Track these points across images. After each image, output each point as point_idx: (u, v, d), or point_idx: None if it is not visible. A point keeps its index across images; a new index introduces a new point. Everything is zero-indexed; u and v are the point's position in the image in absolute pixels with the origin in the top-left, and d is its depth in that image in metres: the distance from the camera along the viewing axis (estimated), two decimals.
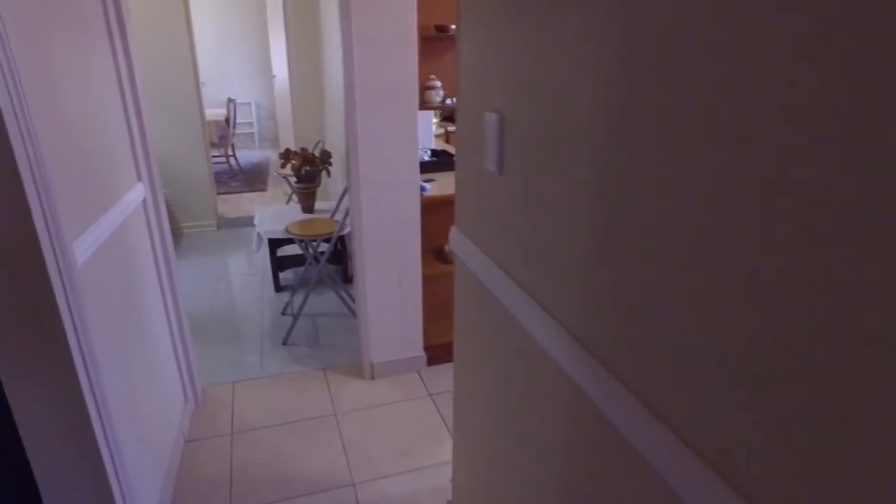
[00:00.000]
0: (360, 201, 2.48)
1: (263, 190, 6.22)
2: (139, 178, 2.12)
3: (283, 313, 3.48)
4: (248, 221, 5.13)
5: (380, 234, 2.57)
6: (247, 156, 8.06)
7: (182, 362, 2.47)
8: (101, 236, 1.60)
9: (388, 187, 2.49)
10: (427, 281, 2.78)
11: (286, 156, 3.83)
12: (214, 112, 6.93)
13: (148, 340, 2.03)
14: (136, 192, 2.03)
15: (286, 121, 5.70)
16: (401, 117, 2.38)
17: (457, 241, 1.54)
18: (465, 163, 1.44)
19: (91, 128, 1.64)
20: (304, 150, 3.83)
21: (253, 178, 6.72)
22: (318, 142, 4.48)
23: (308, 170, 3.78)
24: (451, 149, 3.68)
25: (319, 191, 3.96)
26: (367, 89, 2.31)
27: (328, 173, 3.89)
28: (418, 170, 2.51)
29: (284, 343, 3.13)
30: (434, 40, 2.69)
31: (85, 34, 1.69)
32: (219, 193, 5.94)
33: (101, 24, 1.86)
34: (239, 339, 3.19)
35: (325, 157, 3.83)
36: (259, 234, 3.58)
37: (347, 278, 3.93)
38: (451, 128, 4.73)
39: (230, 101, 6.65)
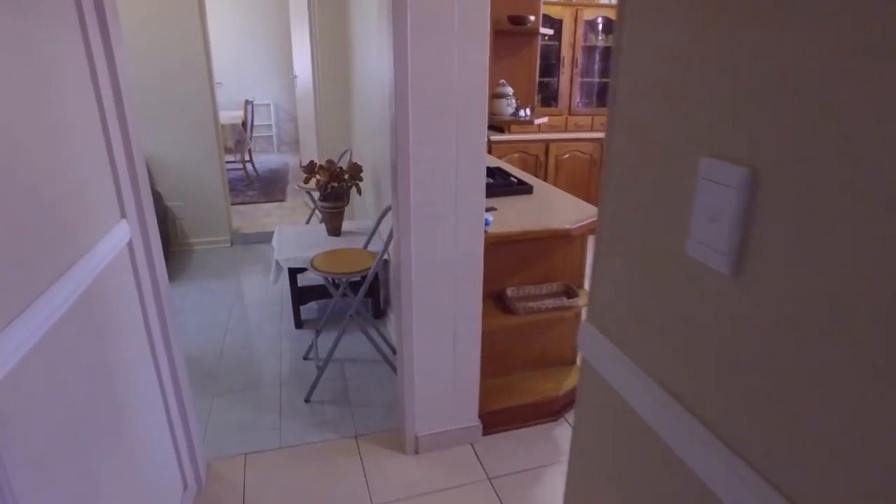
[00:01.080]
0: (408, 236, 1.93)
1: (282, 200, 5.72)
2: (123, 216, 1.59)
3: (305, 357, 2.95)
4: (265, 237, 4.62)
5: (431, 277, 2.02)
6: (264, 161, 7.58)
7: (180, 440, 1.94)
8: (49, 319, 1.07)
9: (446, 221, 1.95)
10: (487, 335, 2.23)
11: (310, 169, 3.30)
12: (230, 115, 6.44)
13: (130, 427, 1.50)
14: (118, 235, 1.51)
15: (308, 125, 5.19)
16: (467, 132, 1.83)
17: (592, 345, 0.98)
18: (625, 232, 0.88)
19: (38, 154, 1.11)
20: (330, 163, 3.30)
21: (271, 187, 6.22)
22: (345, 151, 3.95)
23: (335, 186, 3.25)
24: (506, 167, 3.13)
25: (347, 209, 3.43)
26: (424, 95, 1.76)
27: (359, 191, 3.35)
28: (484, 199, 1.96)
29: (307, 400, 2.60)
30: (506, 35, 2.15)
31: (39, 19, 1.17)
32: (233, 204, 5.45)
33: (69, 7, 1.33)
34: (253, 392, 2.66)
35: (356, 171, 3.30)
36: (278, 263, 3.05)
37: (379, 311, 3.39)
38: (493, 136, 4.19)
39: (247, 102, 6.16)
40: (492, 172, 2.73)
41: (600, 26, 4.74)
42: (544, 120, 2.49)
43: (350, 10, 4.07)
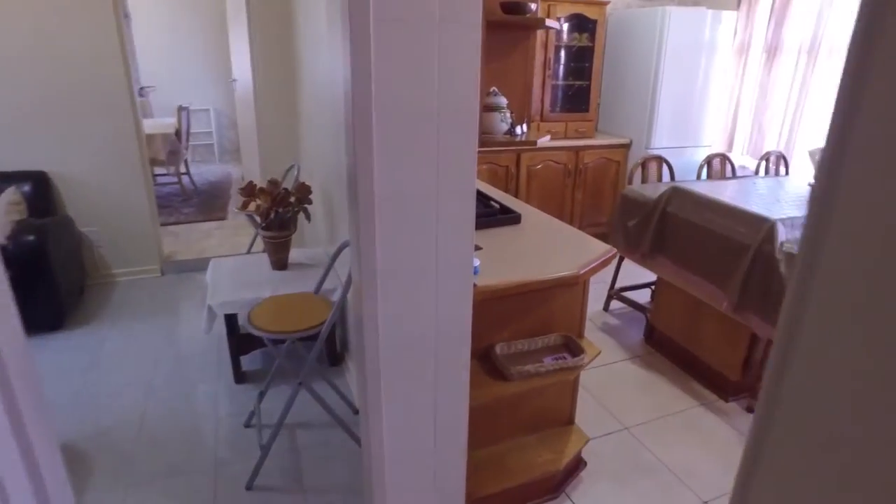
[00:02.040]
0: (374, 300, 1.44)
1: (223, 218, 5.11)
2: None
3: (247, 425, 2.41)
4: (203, 265, 4.02)
5: (405, 349, 1.54)
6: (205, 173, 6.91)
7: None
8: None
9: (424, 275, 1.47)
10: (475, 410, 1.77)
11: (249, 192, 2.76)
12: (162, 123, 5.77)
13: None
14: None
15: (249, 136, 4.62)
16: (451, 158, 1.36)
17: None
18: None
19: None
20: (273, 184, 2.78)
21: (211, 203, 5.59)
22: (291, 167, 3.42)
23: (280, 212, 2.73)
24: (482, 186, 2.68)
25: (295, 235, 2.91)
26: (392, 109, 1.28)
27: (307, 217, 2.84)
28: (473, 245, 1.49)
29: (249, 487, 2.08)
30: (498, 29, 1.69)
31: None
32: (167, 224, 4.81)
33: None
34: (181, 480, 2.12)
35: (304, 193, 2.78)
36: (211, 309, 2.51)
37: (336, 357, 2.88)
38: None
39: (181, 108, 5.51)
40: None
41: (565, 26, 4.35)
42: (546, 139, 2.05)
43: (295, 2, 3.54)
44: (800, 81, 3.84)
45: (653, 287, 3.66)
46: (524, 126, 1.96)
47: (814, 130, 3.86)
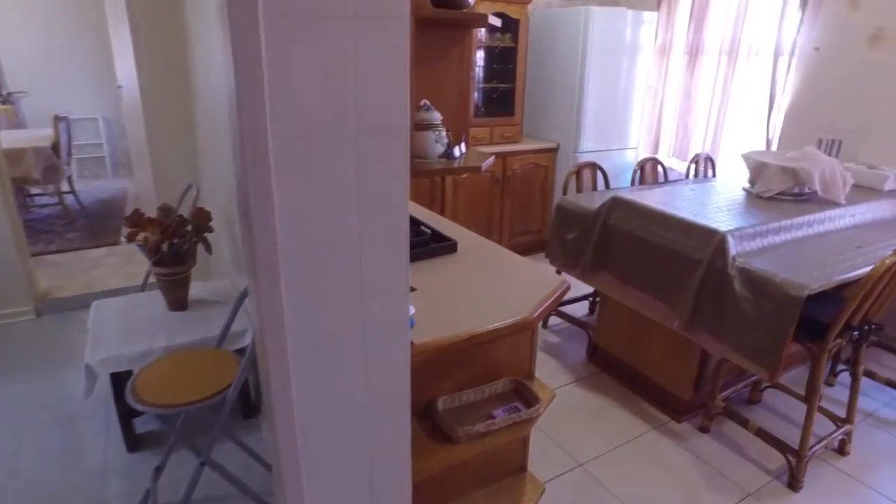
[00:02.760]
0: (285, 377, 1.12)
1: (115, 243, 4.51)
2: None
3: None
4: (89, 300, 3.47)
5: (328, 426, 1.22)
6: (95, 189, 6.18)
7: None
8: None
9: (347, 340, 1.15)
10: (420, 485, 1.47)
11: (135, 222, 2.33)
12: (35, 136, 5.05)
13: None
14: None
15: (140, 146, 4.07)
16: (375, 190, 1.06)
17: None
18: None
19: None
20: (164, 211, 2.36)
21: (101, 225, 4.95)
22: (189, 187, 2.98)
23: (175, 244, 2.31)
24: (413, 209, 2.37)
25: (198, 266, 2.50)
26: (294, 130, 0.97)
27: (208, 249, 2.43)
28: (408, 293, 1.19)
29: None
30: (429, 27, 1.39)
31: None
32: (45, 253, 4.18)
33: None
34: None
35: (202, 220, 2.38)
36: (90, 369, 2.07)
37: (250, 409, 2.49)
38: None
39: (58, 118, 4.84)
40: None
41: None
42: (490, 161, 1.77)
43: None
44: (721, 83, 3.81)
45: (592, 299, 3.51)
46: (463, 146, 1.68)
47: (737, 132, 3.85)
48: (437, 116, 1.52)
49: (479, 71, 4.15)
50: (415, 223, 2.04)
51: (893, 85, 3.10)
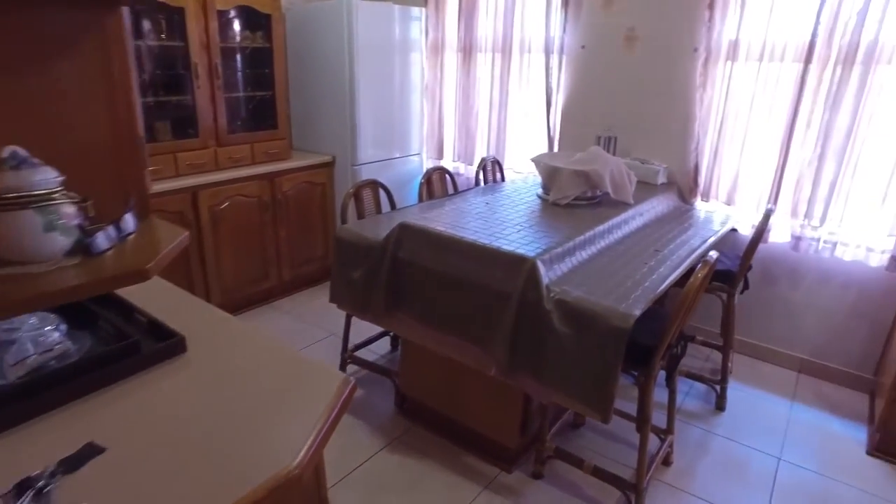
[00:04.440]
0: None
1: None
2: None
3: None
4: None
5: None
6: None
7: None
8: None
9: None
10: None
11: None
12: None
13: None
14: None
15: None
16: None
17: None
18: None
19: None
20: None
21: None
22: None
23: None
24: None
25: None
26: None
27: None
28: None
29: None
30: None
31: None
32: None
33: None
34: None
35: None
36: None
37: None
38: None
39: None
40: (69, 310, 1.24)
41: (236, 21, 3.44)
42: (184, 238, 1.09)
43: None
44: (499, 82, 3.63)
45: (392, 334, 3.05)
46: (131, 216, 1.01)
47: (520, 131, 3.71)
48: (45, 178, 0.85)
49: (232, 76, 3.42)
50: (126, 309, 1.34)
51: (650, 82, 3.16)
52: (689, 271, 2.18)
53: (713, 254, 1.82)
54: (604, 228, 2.29)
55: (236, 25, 3.46)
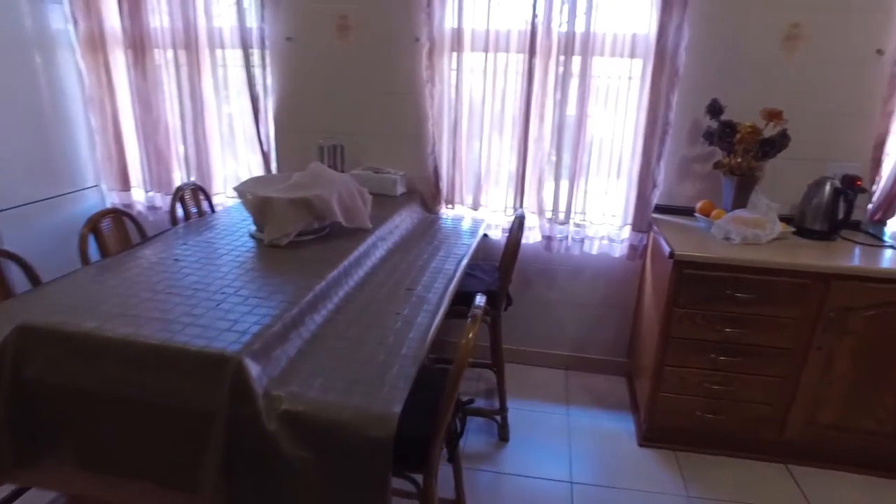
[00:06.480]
0: None
1: None
2: None
3: None
4: None
5: None
6: None
7: None
8: None
9: None
10: None
11: None
12: None
13: None
14: None
15: None
16: None
17: None
18: None
19: None
20: None
21: None
22: None
23: None
24: None
25: None
26: None
27: None
28: None
29: None
30: None
31: None
32: None
33: None
34: None
35: None
36: None
37: None
38: None
39: None
40: None
41: None
42: None
43: None
44: (188, 86, 2.84)
45: None
46: None
47: (227, 148, 2.97)
48: None
49: None
50: None
51: (374, 79, 2.73)
52: (452, 305, 1.80)
53: (480, 299, 1.42)
54: (339, 273, 1.76)
55: None
